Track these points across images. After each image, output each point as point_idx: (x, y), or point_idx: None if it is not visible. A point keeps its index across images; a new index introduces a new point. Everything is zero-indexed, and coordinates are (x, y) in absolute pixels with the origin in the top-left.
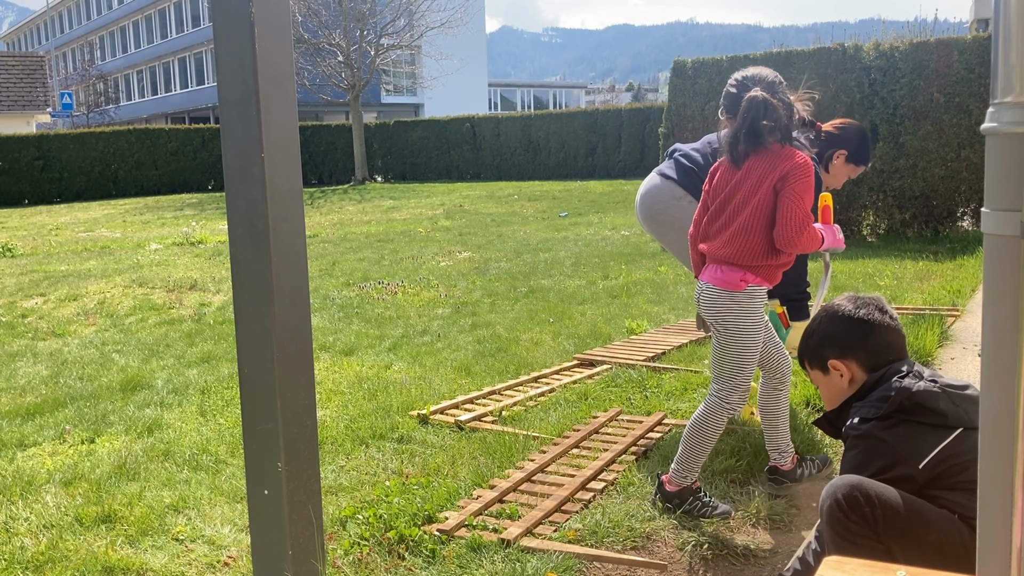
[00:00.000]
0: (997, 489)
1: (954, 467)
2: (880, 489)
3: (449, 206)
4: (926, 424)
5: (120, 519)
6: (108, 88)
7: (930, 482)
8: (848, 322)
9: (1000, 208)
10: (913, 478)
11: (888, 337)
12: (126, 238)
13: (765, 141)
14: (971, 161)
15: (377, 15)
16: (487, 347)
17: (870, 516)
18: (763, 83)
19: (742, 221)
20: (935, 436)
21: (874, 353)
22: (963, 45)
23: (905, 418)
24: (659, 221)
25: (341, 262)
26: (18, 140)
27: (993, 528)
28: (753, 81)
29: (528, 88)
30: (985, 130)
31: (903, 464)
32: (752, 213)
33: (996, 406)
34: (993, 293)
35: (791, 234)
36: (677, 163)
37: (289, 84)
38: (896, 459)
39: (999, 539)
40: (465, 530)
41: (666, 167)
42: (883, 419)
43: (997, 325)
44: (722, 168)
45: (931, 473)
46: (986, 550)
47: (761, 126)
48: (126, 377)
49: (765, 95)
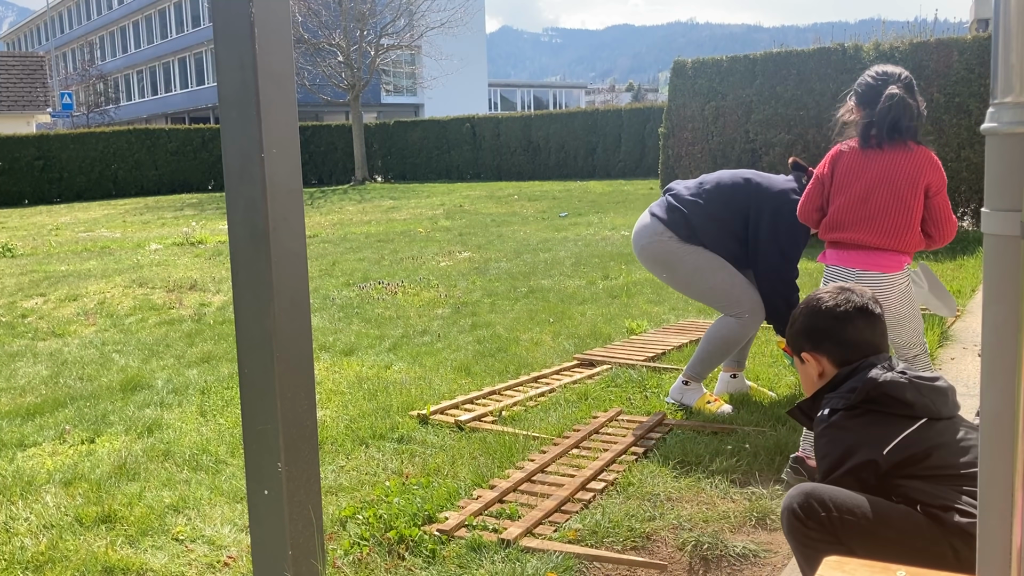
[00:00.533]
0: (997, 489)
1: (918, 454)
2: (834, 493)
3: (449, 206)
4: (893, 414)
5: (120, 519)
6: (108, 88)
7: (894, 468)
8: (824, 316)
9: (1000, 208)
10: (877, 464)
11: (863, 334)
12: (126, 238)
13: (905, 138)
14: (971, 161)
15: (377, 15)
16: (487, 347)
17: (827, 521)
18: (902, 82)
19: (898, 214)
20: (901, 425)
21: (846, 348)
22: (963, 45)
23: (871, 408)
24: (646, 256)
25: (341, 262)
26: (18, 140)
27: (993, 528)
28: (893, 79)
29: (528, 88)
30: (985, 130)
31: (867, 450)
32: (905, 207)
33: (996, 406)
34: (993, 293)
35: (951, 233)
36: (666, 202)
37: (289, 84)
38: (860, 446)
39: (999, 539)
40: (465, 530)
41: (656, 205)
42: (850, 409)
43: (997, 325)
44: (849, 156)
45: (896, 458)
46: (986, 550)
47: (904, 125)
48: (126, 377)
49: (906, 96)
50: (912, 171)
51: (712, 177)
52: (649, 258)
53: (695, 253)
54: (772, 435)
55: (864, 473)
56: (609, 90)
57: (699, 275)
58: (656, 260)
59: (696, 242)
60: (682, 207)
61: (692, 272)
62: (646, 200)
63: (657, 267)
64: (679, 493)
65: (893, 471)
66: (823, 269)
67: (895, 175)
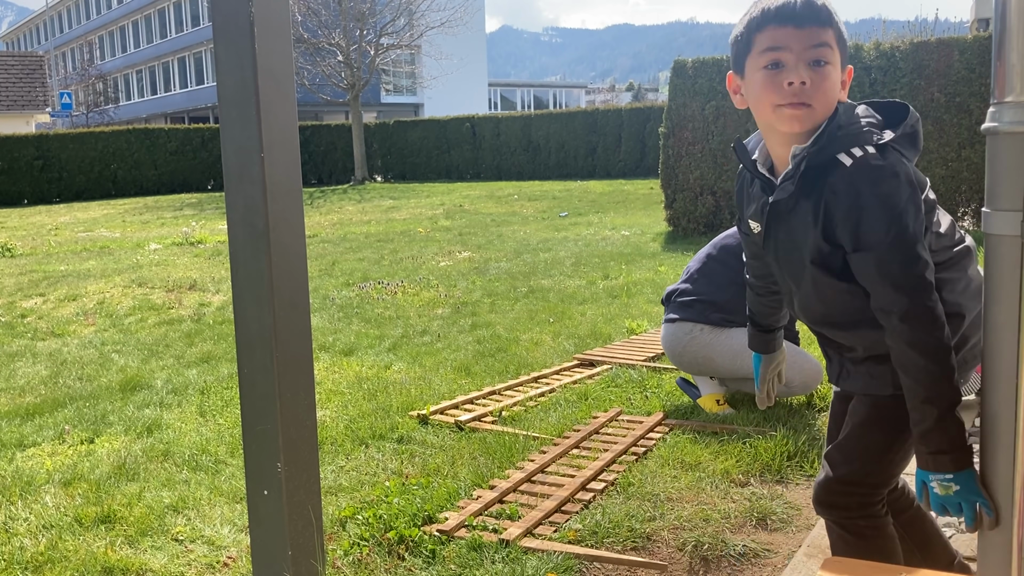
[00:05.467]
0: (997, 488)
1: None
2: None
3: (449, 206)
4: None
5: (120, 519)
6: (107, 88)
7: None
8: None
9: (1001, 208)
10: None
11: None
12: (125, 238)
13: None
14: (972, 161)
15: (377, 15)
16: (487, 347)
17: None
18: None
19: None
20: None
21: None
22: (964, 45)
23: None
24: (689, 361)
25: (341, 262)
26: (17, 140)
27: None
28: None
29: (528, 88)
30: (986, 130)
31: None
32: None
33: (996, 406)
34: (993, 293)
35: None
36: (674, 304)
37: (289, 84)
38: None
39: (999, 539)
40: (465, 530)
41: (668, 313)
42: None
43: (997, 325)
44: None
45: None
46: (986, 550)
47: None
48: (125, 377)
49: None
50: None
51: (696, 257)
52: (690, 361)
53: (728, 336)
54: (772, 435)
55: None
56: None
57: (740, 358)
58: (696, 360)
59: (727, 323)
60: (693, 296)
61: (732, 357)
62: (646, 200)
63: (701, 366)
64: (679, 493)
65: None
66: None
67: None
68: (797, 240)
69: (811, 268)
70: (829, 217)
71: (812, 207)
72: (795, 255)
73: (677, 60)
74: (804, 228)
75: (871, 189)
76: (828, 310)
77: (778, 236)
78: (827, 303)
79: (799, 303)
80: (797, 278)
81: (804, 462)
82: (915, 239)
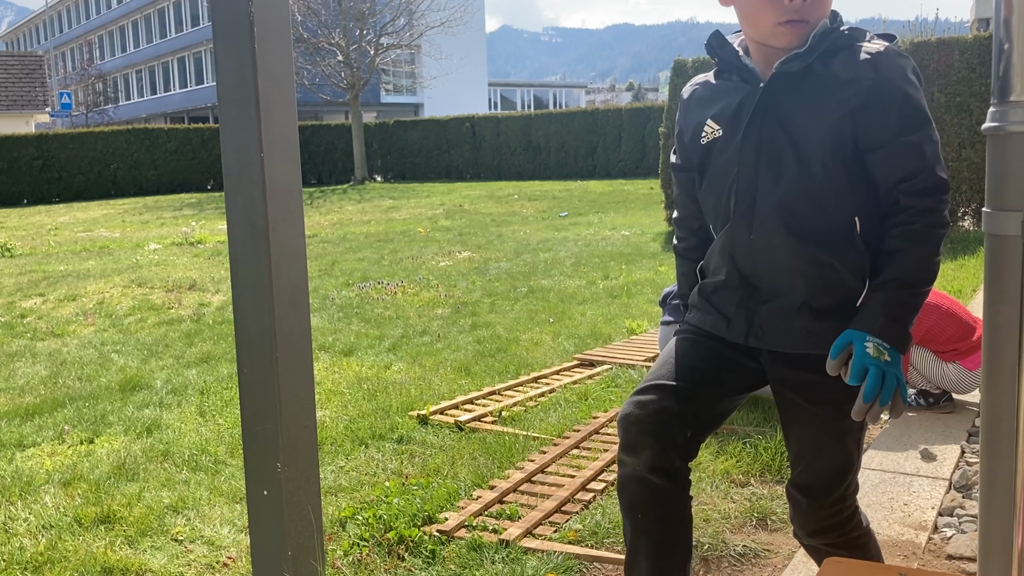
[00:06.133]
0: (997, 489)
1: None
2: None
3: (449, 206)
4: None
5: (119, 520)
6: (107, 88)
7: None
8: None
9: (1001, 208)
10: None
11: None
12: (125, 238)
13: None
14: (972, 161)
15: (377, 14)
16: (487, 347)
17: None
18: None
19: None
20: None
21: None
22: (964, 44)
23: None
24: None
25: (341, 262)
26: (17, 140)
27: (993, 528)
28: None
29: (528, 88)
30: (986, 130)
31: None
32: None
33: (996, 406)
34: (994, 293)
35: None
36: (670, 306)
37: (289, 84)
38: None
39: (999, 539)
40: (465, 531)
41: (664, 315)
42: None
43: (997, 325)
44: None
45: None
46: (986, 550)
47: None
48: (125, 377)
49: None
50: None
51: None
52: None
53: None
54: (773, 435)
55: None
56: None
57: None
58: None
59: None
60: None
61: None
62: (646, 200)
63: None
64: None
65: None
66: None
67: None
68: (801, 124)
69: (818, 156)
70: (869, 96)
71: (840, 84)
72: (790, 144)
73: (677, 60)
74: (819, 109)
75: (905, 76)
76: (815, 215)
77: (764, 126)
78: (818, 204)
79: (768, 209)
80: (778, 175)
81: None
82: (934, 129)
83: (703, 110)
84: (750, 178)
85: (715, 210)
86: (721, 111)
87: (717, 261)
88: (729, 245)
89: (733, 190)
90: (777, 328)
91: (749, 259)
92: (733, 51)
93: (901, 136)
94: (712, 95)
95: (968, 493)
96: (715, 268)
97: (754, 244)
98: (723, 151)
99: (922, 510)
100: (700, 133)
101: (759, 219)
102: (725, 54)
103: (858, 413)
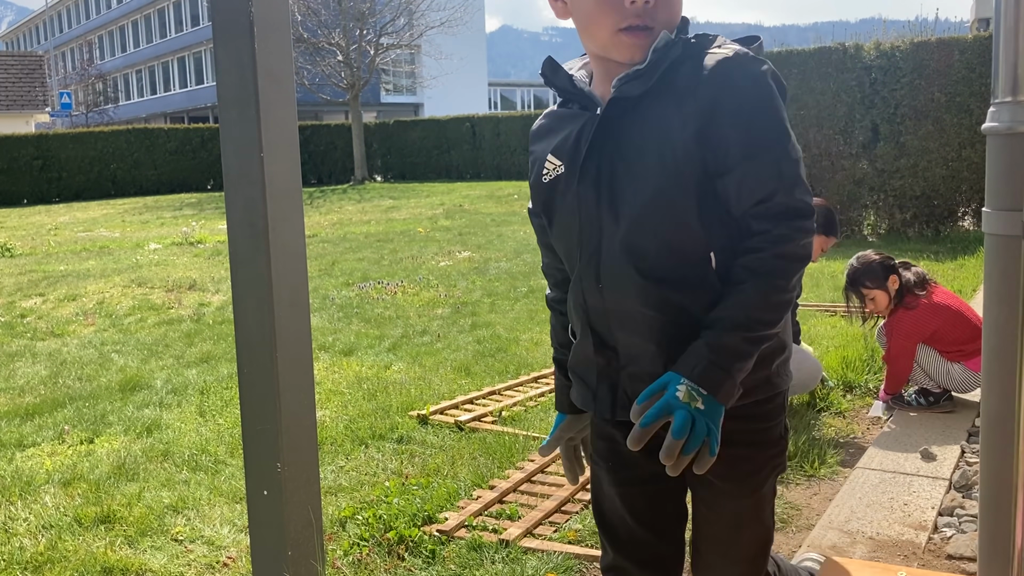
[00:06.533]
0: (997, 489)
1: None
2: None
3: (449, 206)
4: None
5: (119, 519)
6: (107, 88)
7: None
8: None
9: (1001, 208)
10: None
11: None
12: (125, 238)
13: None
14: (972, 161)
15: (376, 14)
16: (487, 347)
17: None
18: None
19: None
20: None
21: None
22: (964, 44)
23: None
24: None
25: (341, 262)
26: (17, 140)
27: (993, 528)
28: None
29: (528, 88)
30: (986, 130)
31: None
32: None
33: (996, 406)
34: (994, 293)
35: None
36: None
37: (289, 84)
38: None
39: (999, 539)
40: (465, 531)
41: None
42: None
43: (997, 325)
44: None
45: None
46: (987, 550)
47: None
48: (125, 377)
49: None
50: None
51: None
52: None
53: None
54: None
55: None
56: None
57: None
58: None
59: None
60: None
61: None
62: None
63: None
64: None
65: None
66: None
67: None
68: (642, 151)
69: (662, 186)
70: (713, 112)
71: (683, 102)
72: (629, 176)
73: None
74: (662, 133)
75: (757, 84)
76: (665, 254)
77: (603, 157)
78: (666, 242)
79: (613, 252)
80: (619, 211)
81: (804, 462)
82: (795, 144)
83: (546, 144)
84: (593, 218)
85: (568, 260)
86: (560, 144)
87: (574, 320)
88: (580, 300)
89: (578, 234)
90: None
91: (601, 315)
92: (566, 76)
93: (753, 155)
94: (554, 125)
95: (968, 493)
96: (575, 329)
97: (604, 296)
98: (566, 190)
99: (922, 510)
100: (542, 170)
101: (606, 265)
102: (559, 81)
103: (666, 453)
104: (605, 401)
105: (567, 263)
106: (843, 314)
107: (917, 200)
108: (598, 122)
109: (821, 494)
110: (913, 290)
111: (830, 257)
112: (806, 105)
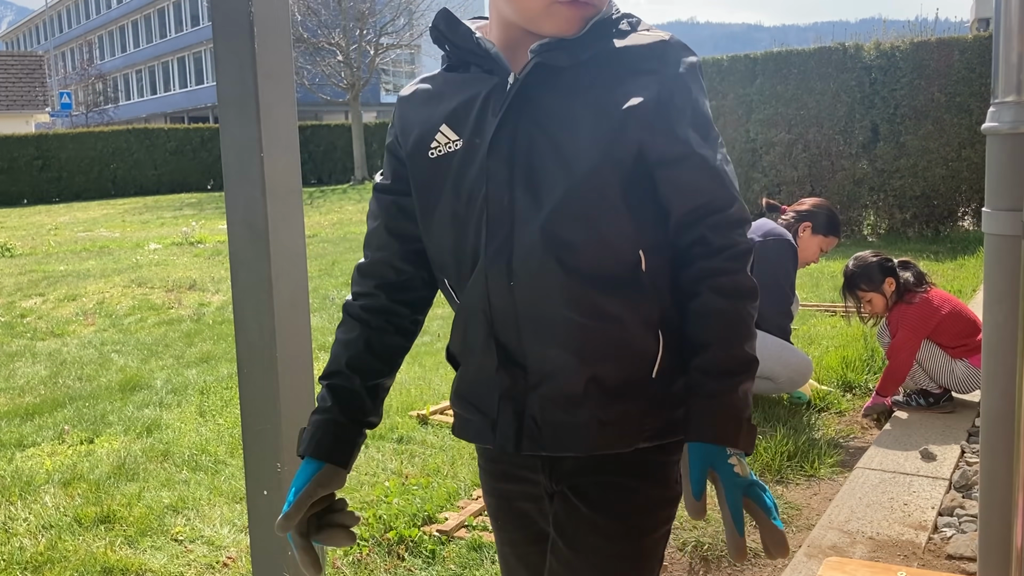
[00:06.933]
0: (997, 489)
1: None
2: None
3: None
4: None
5: (119, 519)
6: (107, 88)
7: None
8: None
9: (1001, 208)
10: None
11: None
12: (125, 238)
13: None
14: (972, 161)
15: (376, 14)
16: None
17: None
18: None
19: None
20: None
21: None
22: (964, 44)
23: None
24: None
25: (341, 262)
26: (17, 140)
27: (993, 528)
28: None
29: None
30: (986, 130)
31: None
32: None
33: (996, 406)
34: (994, 293)
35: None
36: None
37: (289, 84)
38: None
39: (999, 539)
40: (465, 530)
41: None
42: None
43: (997, 325)
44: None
45: None
46: (986, 550)
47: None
48: (125, 377)
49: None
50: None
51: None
52: None
53: None
54: (772, 435)
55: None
56: None
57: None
58: None
59: None
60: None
61: None
62: None
63: None
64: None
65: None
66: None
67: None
68: (569, 124)
69: (591, 167)
70: (661, 94)
71: (622, 79)
72: (553, 151)
73: None
74: (594, 106)
75: (695, 76)
76: (593, 247)
77: (519, 130)
78: (595, 233)
79: (530, 241)
80: (540, 194)
81: (804, 462)
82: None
83: (431, 110)
84: (503, 201)
85: (455, 254)
86: (457, 112)
87: (465, 334)
88: (481, 302)
89: (483, 221)
90: (558, 423)
91: (510, 320)
92: (468, 33)
93: (698, 151)
94: (443, 90)
95: (968, 493)
96: (465, 346)
97: (516, 297)
98: (464, 167)
99: (922, 510)
100: (428, 143)
101: (520, 256)
102: (458, 38)
103: (738, 550)
104: (507, 431)
105: (450, 261)
106: (843, 314)
107: (917, 200)
108: (517, 88)
109: (821, 494)
110: (912, 287)
111: (830, 257)
112: (806, 105)
